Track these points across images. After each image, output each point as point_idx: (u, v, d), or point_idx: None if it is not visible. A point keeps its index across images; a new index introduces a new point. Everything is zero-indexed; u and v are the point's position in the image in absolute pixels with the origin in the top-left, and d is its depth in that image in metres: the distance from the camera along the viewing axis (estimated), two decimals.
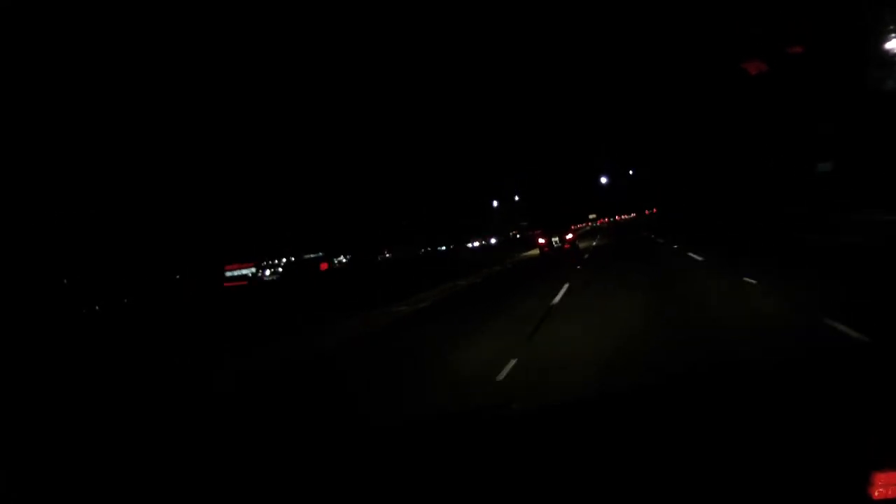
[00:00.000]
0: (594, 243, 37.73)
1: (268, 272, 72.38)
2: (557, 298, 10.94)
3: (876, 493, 0.99)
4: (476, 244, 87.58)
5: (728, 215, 30.20)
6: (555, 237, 33.23)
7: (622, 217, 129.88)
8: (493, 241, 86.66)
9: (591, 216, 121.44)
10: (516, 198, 77.83)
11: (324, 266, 69.07)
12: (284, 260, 76.50)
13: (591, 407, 1.85)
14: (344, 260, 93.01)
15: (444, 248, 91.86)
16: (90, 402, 8.84)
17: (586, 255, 24.26)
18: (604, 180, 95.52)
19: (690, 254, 15.29)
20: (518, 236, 79.00)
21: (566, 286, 12.50)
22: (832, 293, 6.52)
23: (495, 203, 79.70)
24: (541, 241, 33.82)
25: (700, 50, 31.44)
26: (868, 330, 4.38)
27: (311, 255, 68.22)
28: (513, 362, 5.97)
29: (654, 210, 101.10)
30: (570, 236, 33.73)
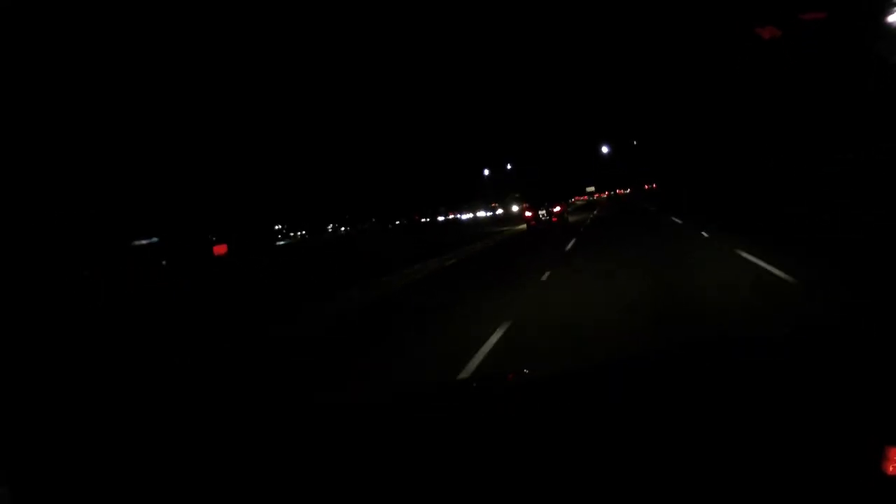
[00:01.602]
0: (588, 220, 33.65)
1: None
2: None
3: (891, 469, 0.95)
4: (447, 217, 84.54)
5: (729, 204, 30.10)
6: (542, 210, 33.22)
7: (621, 192, 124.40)
8: (479, 214, 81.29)
9: (590, 189, 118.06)
10: (508, 166, 74.41)
11: (221, 249, 45.35)
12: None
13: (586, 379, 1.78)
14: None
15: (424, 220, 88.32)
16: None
17: (571, 243, 19.69)
18: (605, 150, 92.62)
19: (744, 253, 9.76)
20: (501, 211, 74.46)
21: (502, 330, 6.93)
22: None
23: (486, 172, 75.69)
24: (527, 214, 33.84)
25: (700, 41, 31.42)
26: None
27: (144, 241, 40.33)
28: None
29: (654, 185, 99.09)
30: (557, 209, 33.77)
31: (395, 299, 12.58)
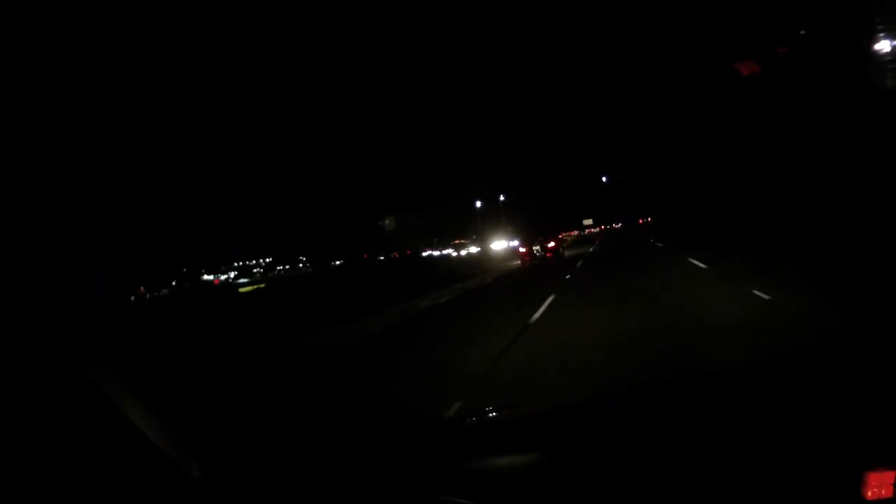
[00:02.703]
0: (585, 255, 30.90)
1: None
2: None
3: (869, 494, 0.93)
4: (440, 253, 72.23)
5: (729, 219, 30.18)
6: (536, 246, 33.58)
7: (616, 226, 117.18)
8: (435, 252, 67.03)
9: (587, 222, 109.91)
10: (501, 198, 69.67)
11: None
12: None
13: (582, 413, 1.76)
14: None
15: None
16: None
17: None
18: (603, 180, 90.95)
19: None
20: (470, 249, 61.35)
21: None
22: None
23: (479, 204, 66.72)
24: (522, 250, 34.14)
25: (700, 51, 31.51)
26: None
27: None
28: None
29: (649, 220, 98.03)
30: (552, 245, 33.97)
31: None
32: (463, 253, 64.17)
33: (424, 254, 71.61)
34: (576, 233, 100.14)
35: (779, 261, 12.44)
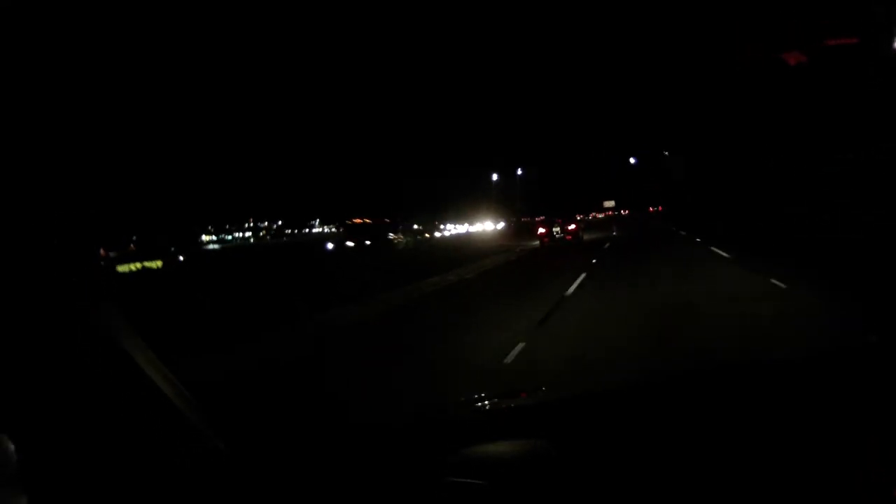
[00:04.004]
0: (608, 240, 30.59)
1: None
2: None
3: None
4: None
5: (729, 219, 30.09)
6: (556, 227, 32.84)
7: (625, 212, 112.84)
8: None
9: (609, 204, 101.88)
10: (519, 171, 62.05)
11: None
12: None
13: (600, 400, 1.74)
14: None
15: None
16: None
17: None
18: (633, 160, 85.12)
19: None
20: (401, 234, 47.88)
21: None
22: None
23: (495, 177, 61.26)
24: (541, 230, 33.46)
25: (700, 53, 31.44)
26: None
27: None
28: None
29: (660, 208, 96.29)
30: (572, 227, 33.21)
31: None
32: (350, 244, 40.57)
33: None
34: (580, 217, 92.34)
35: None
